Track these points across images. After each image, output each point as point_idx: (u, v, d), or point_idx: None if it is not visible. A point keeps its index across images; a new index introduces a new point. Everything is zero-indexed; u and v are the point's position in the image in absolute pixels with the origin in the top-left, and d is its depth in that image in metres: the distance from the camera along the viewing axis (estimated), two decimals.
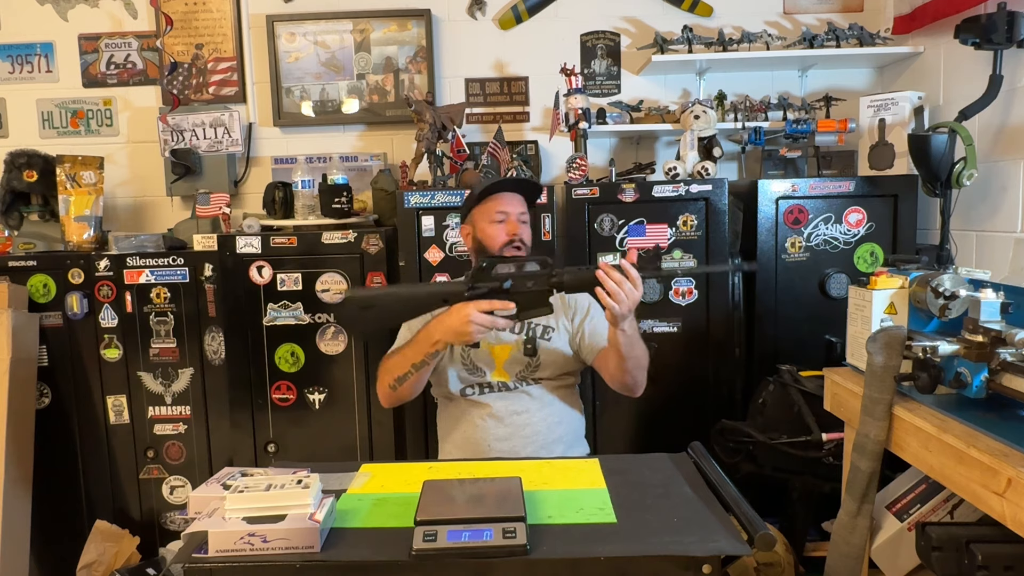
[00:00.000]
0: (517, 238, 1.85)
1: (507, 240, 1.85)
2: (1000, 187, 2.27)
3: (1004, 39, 2.10)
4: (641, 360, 1.75)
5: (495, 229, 1.86)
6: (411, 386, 1.78)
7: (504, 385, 1.86)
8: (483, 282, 1.61)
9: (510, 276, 1.61)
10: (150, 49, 2.95)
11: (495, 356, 1.87)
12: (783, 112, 2.68)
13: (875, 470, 1.51)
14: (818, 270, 2.45)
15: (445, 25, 2.93)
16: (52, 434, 2.56)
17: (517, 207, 1.89)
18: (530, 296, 1.60)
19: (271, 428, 2.54)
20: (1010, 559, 1.35)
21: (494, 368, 1.87)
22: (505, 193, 1.90)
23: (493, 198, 1.88)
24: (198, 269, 2.52)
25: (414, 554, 1.00)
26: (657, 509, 1.15)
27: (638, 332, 1.73)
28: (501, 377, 1.87)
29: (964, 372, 1.35)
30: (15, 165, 2.62)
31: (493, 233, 1.86)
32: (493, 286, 1.60)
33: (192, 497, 1.19)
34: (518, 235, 1.85)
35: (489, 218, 1.87)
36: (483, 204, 1.89)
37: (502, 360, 1.87)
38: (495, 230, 1.86)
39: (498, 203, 1.87)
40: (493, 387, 1.86)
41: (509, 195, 1.90)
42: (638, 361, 1.74)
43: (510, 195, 1.90)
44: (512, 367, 1.87)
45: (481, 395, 1.86)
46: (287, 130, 2.98)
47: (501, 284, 1.60)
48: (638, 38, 2.91)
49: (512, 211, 1.87)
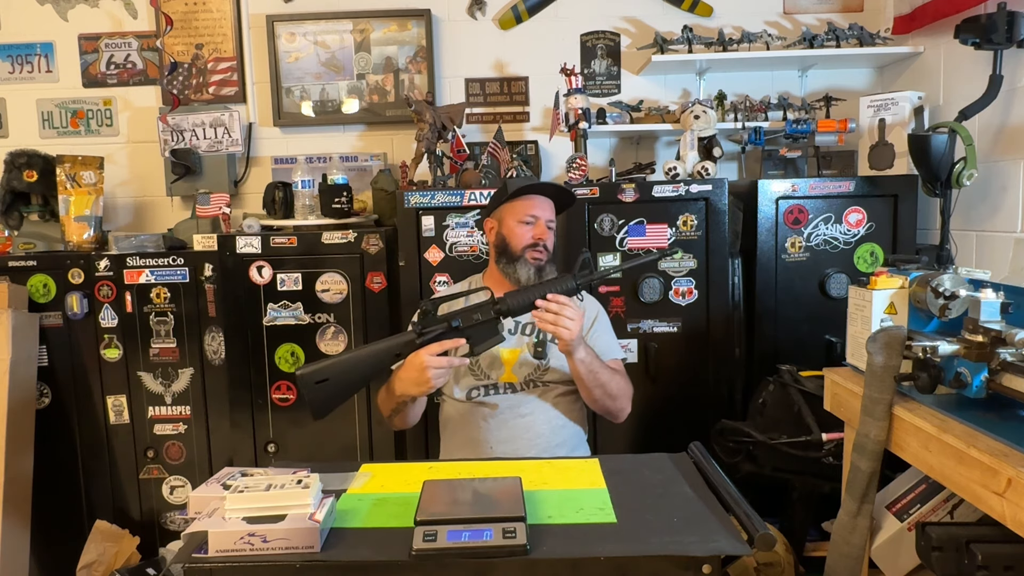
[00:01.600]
0: (542, 242, 1.86)
1: (532, 242, 1.86)
2: (1000, 187, 2.27)
3: (1004, 39, 2.10)
4: (609, 388, 1.77)
5: (523, 229, 1.87)
6: (404, 418, 1.81)
7: (511, 387, 1.87)
8: (431, 326, 1.60)
9: (456, 315, 1.61)
10: (150, 49, 2.95)
11: (504, 361, 1.88)
12: (783, 112, 2.68)
13: (875, 470, 1.51)
14: (818, 270, 2.45)
15: (445, 25, 2.93)
16: (52, 434, 2.56)
17: (548, 213, 1.90)
18: (480, 328, 1.61)
19: (271, 428, 2.54)
20: (1010, 559, 1.35)
21: (503, 372, 1.88)
22: (539, 196, 1.90)
23: (527, 198, 1.89)
24: (198, 269, 2.52)
25: (414, 554, 1.00)
26: (657, 509, 1.15)
27: (599, 362, 1.76)
28: (510, 379, 1.88)
29: (964, 372, 1.35)
30: (15, 165, 2.62)
31: (520, 233, 1.87)
32: (442, 328, 1.59)
33: (192, 497, 1.19)
34: (544, 240, 1.87)
35: (518, 217, 1.88)
36: (515, 202, 1.89)
37: (511, 364, 1.88)
38: (523, 230, 1.87)
39: (531, 205, 1.88)
40: (499, 388, 1.87)
41: (542, 199, 1.90)
42: (606, 389, 1.76)
43: (543, 199, 1.90)
44: (521, 370, 1.88)
45: (487, 395, 1.87)
46: (287, 130, 2.98)
47: (450, 323, 1.59)
48: (638, 38, 2.91)
49: (543, 216, 1.88)
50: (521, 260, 1.87)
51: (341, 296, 2.48)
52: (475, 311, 1.62)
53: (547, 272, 1.86)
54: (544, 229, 1.88)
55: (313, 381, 1.52)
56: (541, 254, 1.87)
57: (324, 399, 1.54)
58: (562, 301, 1.61)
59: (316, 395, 1.53)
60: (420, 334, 1.59)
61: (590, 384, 1.74)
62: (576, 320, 1.62)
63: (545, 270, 1.86)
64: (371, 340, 2.46)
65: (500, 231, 1.91)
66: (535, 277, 1.84)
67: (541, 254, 1.87)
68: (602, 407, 1.82)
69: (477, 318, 1.60)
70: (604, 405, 1.81)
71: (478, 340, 1.61)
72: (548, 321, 1.61)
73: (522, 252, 1.86)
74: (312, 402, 1.53)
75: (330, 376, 1.53)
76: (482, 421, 1.84)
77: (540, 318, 1.61)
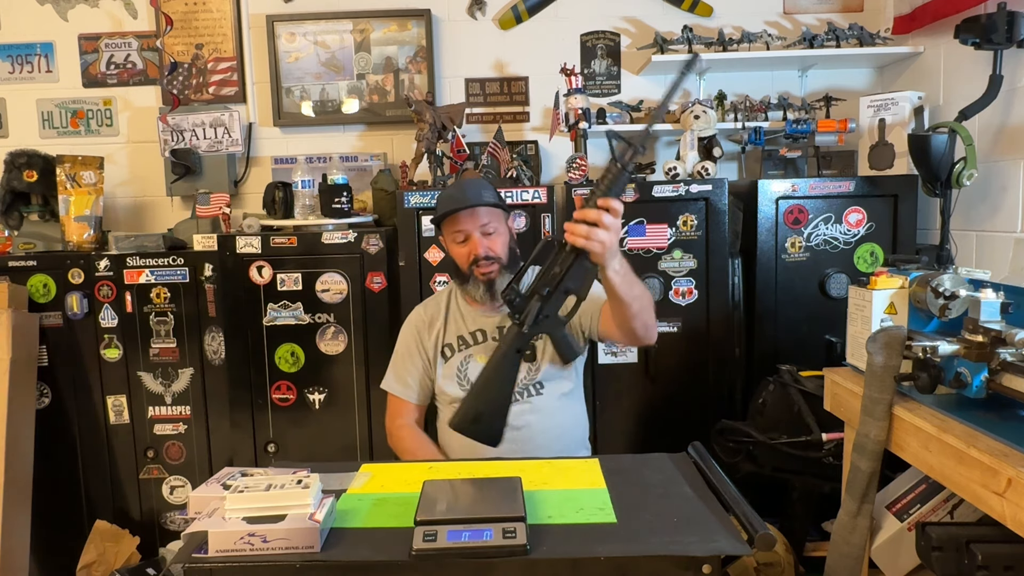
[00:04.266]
0: (481, 256, 1.79)
1: (471, 260, 1.81)
2: (1000, 187, 2.27)
3: (1004, 39, 2.10)
4: (643, 300, 1.62)
5: (458, 250, 1.83)
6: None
7: None
8: (524, 309, 1.49)
9: (541, 283, 1.48)
10: (150, 49, 2.95)
11: None
12: (783, 112, 2.68)
13: (875, 470, 1.51)
14: (818, 270, 2.45)
15: (445, 25, 2.93)
16: (52, 434, 2.56)
17: (477, 221, 1.80)
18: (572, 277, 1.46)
19: (271, 428, 2.54)
20: (1010, 559, 1.35)
21: None
22: (460, 212, 1.80)
23: (450, 220, 1.82)
24: (198, 269, 2.52)
25: (414, 554, 1.00)
26: (657, 509, 1.15)
27: (632, 272, 1.58)
28: None
29: (964, 372, 1.35)
30: (15, 165, 2.62)
31: (458, 253, 1.84)
32: (538, 304, 1.48)
33: (192, 497, 1.18)
34: (480, 254, 1.79)
35: (452, 240, 1.84)
36: (444, 226, 1.85)
37: None
38: (459, 251, 1.83)
39: (454, 222, 1.82)
40: None
41: (467, 212, 1.80)
42: (641, 302, 1.61)
43: (468, 211, 1.80)
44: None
45: None
46: (287, 130, 2.98)
47: (541, 293, 1.48)
48: (638, 38, 2.91)
49: (471, 228, 1.80)
50: (471, 280, 1.83)
51: (341, 296, 2.48)
52: (552, 267, 1.48)
53: (500, 284, 1.78)
54: (477, 242, 1.79)
55: (469, 423, 1.51)
56: (487, 267, 1.80)
57: (488, 430, 1.52)
58: (602, 208, 1.38)
59: (480, 431, 1.52)
60: (521, 322, 1.50)
61: (626, 295, 1.56)
62: (613, 231, 1.40)
63: (496, 283, 1.80)
64: (371, 341, 2.48)
65: (448, 255, 1.90)
66: (487, 293, 1.81)
67: (487, 267, 1.80)
68: (640, 324, 1.64)
69: (557, 272, 1.47)
70: (643, 320, 1.63)
71: (577, 287, 1.47)
72: (580, 235, 1.39)
73: (469, 271, 1.82)
74: (481, 438, 1.51)
75: (478, 409, 1.51)
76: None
77: (571, 231, 1.40)
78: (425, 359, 1.93)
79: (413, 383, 1.94)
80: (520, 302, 1.50)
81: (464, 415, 1.51)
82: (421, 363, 1.93)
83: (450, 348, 1.91)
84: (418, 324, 1.95)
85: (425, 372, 1.94)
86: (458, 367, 1.87)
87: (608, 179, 1.38)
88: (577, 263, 1.45)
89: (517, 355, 1.51)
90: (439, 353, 1.91)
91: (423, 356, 1.93)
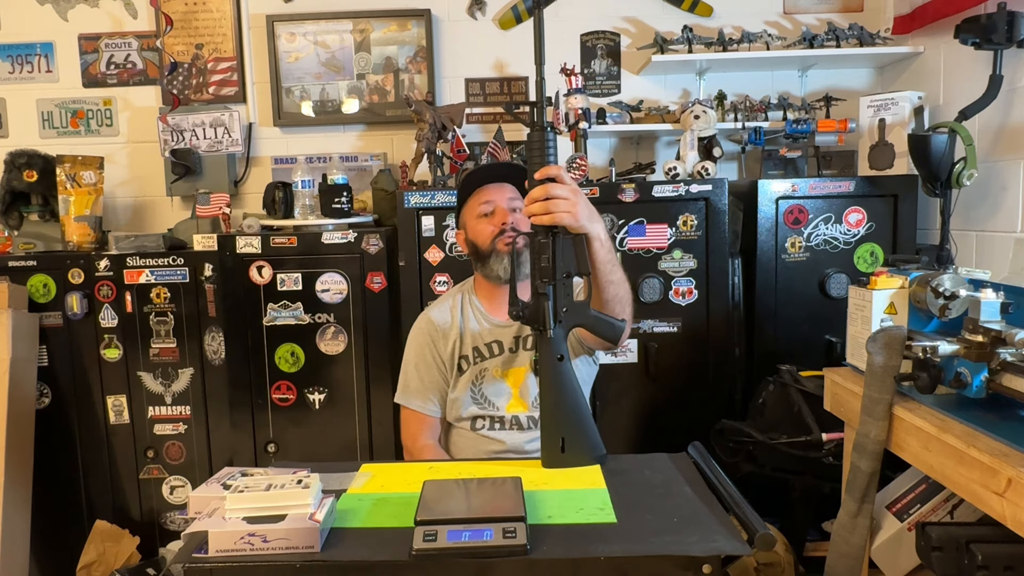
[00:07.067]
0: (507, 226, 1.68)
1: (496, 231, 1.69)
2: (1000, 187, 2.27)
3: (1004, 39, 2.10)
4: (620, 292, 1.52)
5: (483, 224, 1.72)
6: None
7: (517, 421, 1.73)
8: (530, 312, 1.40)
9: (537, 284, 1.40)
10: (150, 49, 2.95)
11: (510, 383, 1.75)
12: (783, 112, 2.68)
13: (875, 470, 1.51)
14: (818, 270, 2.45)
15: (445, 25, 2.93)
16: (52, 434, 2.56)
17: (506, 193, 1.73)
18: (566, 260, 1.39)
19: (271, 428, 2.54)
20: (1010, 559, 1.35)
21: (510, 398, 1.74)
22: (490, 184, 1.75)
23: (477, 192, 1.75)
24: (198, 269, 2.52)
25: (414, 554, 0.99)
26: (657, 509, 1.15)
27: (617, 263, 1.51)
28: (517, 409, 1.73)
29: (964, 372, 1.34)
30: (15, 165, 2.62)
31: (482, 229, 1.72)
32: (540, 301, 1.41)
33: (192, 497, 1.18)
34: (508, 223, 1.68)
35: (476, 213, 1.74)
36: (469, 202, 1.78)
37: (517, 386, 1.74)
38: (483, 225, 1.72)
39: (482, 195, 1.74)
40: (506, 422, 1.73)
41: (495, 185, 1.74)
42: (617, 292, 1.52)
43: (496, 185, 1.74)
44: (527, 394, 1.74)
45: (491, 430, 1.74)
46: (287, 130, 2.98)
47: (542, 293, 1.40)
48: (638, 38, 2.91)
49: (499, 199, 1.72)
50: (493, 254, 1.70)
51: (341, 296, 2.48)
52: (538, 263, 1.40)
53: (524, 257, 1.63)
54: (505, 212, 1.70)
55: (559, 455, 1.39)
56: (511, 238, 1.67)
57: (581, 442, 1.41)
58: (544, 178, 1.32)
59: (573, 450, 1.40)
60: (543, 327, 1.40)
61: (603, 277, 1.47)
62: (570, 197, 1.32)
63: (522, 254, 1.65)
64: (371, 340, 2.48)
65: (468, 237, 1.78)
66: (510, 265, 1.66)
67: (511, 238, 1.67)
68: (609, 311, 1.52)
69: (546, 263, 1.39)
70: (612, 309, 1.52)
71: (574, 265, 1.39)
72: (539, 212, 1.32)
73: (491, 246, 1.70)
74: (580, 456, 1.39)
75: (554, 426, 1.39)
76: (490, 454, 1.73)
77: (531, 214, 1.33)
78: (443, 370, 1.80)
79: (434, 396, 1.80)
80: (530, 310, 1.42)
81: (550, 451, 1.39)
82: (439, 374, 1.80)
83: (466, 360, 1.78)
84: (431, 332, 1.80)
85: (445, 382, 1.80)
86: (472, 382, 1.76)
87: (533, 150, 1.33)
88: (559, 244, 1.38)
89: (560, 362, 1.41)
90: (455, 366, 1.78)
91: (440, 367, 1.80)
